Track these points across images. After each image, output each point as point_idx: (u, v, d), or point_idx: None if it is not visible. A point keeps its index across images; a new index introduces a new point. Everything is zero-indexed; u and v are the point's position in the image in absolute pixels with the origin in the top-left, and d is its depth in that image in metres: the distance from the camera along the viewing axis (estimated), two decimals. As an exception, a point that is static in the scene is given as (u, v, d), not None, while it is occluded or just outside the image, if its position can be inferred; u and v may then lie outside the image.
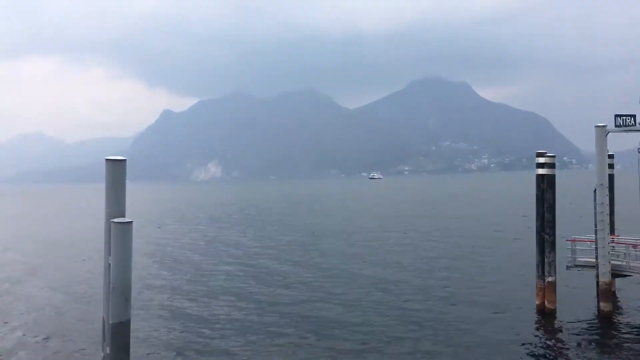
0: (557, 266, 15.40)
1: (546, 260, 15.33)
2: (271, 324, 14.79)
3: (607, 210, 15.10)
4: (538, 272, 15.57)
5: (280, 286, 19.60)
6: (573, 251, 16.34)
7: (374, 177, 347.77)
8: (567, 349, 12.68)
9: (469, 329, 13.88)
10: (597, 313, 15.03)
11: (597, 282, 15.10)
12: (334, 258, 26.06)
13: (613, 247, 15.84)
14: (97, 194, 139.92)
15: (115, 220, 7.63)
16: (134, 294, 8.12)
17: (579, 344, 12.97)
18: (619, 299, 16.90)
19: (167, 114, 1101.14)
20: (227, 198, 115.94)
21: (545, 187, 15.49)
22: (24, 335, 14.45)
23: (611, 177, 17.31)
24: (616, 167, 20.18)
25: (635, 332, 13.77)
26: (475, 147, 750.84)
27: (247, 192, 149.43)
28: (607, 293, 14.96)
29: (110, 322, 7.50)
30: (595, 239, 15.03)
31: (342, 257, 26.40)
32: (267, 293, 18.53)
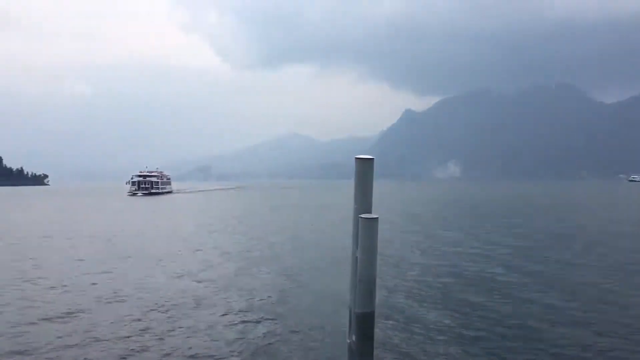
0: None
1: None
2: (490, 332, 14.09)
3: None
4: None
5: (505, 295, 18.48)
6: None
7: (635, 179, 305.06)
8: None
9: None
10: None
11: None
12: (579, 269, 23.59)
13: None
14: (343, 190, 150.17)
15: (363, 215, 8.04)
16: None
17: None
18: None
19: (408, 114, 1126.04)
20: (463, 197, 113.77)
21: None
22: (274, 320, 15.88)
23: None
24: None
25: None
26: None
27: (485, 192, 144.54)
28: None
29: (356, 311, 7.93)
30: None
31: (590, 269, 23.75)
32: (489, 301, 17.61)
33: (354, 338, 7.97)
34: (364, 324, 7.85)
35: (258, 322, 15.26)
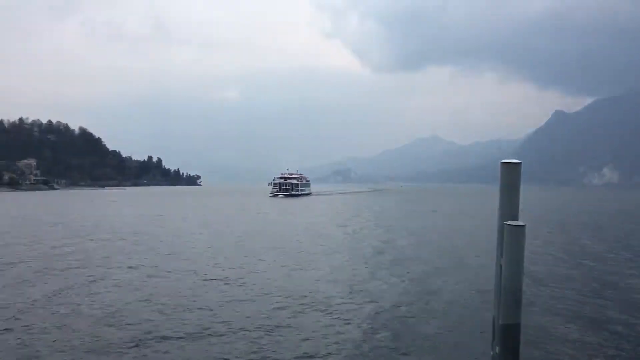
0: None
1: None
2: None
3: None
4: None
5: None
6: None
7: None
8: None
9: None
10: None
11: None
12: None
13: None
14: (485, 195, 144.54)
15: (509, 222, 7.62)
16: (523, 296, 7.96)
17: None
18: None
19: (558, 115, 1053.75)
20: (622, 205, 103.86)
21: None
22: (409, 327, 15.66)
23: None
24: None
25: None
26: None
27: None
28: None
29: (500, 323, 7.54)
30: None
31: None
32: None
33: (497, 350, 7.60)
34: (508, 336, 7.44)
35: (390, 328, 15.07)
